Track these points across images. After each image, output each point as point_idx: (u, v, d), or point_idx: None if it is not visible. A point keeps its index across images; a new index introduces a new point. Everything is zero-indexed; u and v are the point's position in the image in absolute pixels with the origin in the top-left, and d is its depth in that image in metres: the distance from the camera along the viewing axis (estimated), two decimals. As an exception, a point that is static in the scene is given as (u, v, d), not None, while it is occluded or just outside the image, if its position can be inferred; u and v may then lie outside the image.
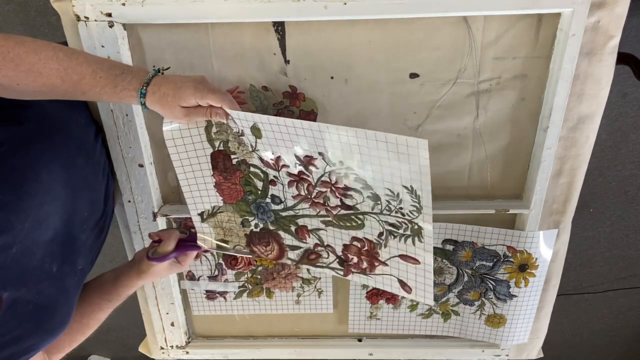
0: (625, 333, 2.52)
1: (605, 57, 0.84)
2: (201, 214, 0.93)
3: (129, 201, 1.00)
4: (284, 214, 0.89)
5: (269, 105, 0.91)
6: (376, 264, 0.86)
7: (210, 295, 1.15)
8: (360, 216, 0.82)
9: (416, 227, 0.77)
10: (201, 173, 0.88)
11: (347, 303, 1.14)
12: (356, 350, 1.19)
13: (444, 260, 1.06)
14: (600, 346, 2.59)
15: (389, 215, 0.79)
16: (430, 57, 0.87)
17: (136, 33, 0.86)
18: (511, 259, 1.04)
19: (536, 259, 1.03)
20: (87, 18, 0.81)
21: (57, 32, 0.85)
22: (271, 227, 0.92)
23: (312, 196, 0.84)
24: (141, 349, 1.24)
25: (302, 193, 0.85)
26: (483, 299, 1.10)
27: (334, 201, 0.83)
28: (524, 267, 1.04)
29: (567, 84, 0.84)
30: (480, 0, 0.78)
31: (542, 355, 1.21)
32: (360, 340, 1.20)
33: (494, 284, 1.08)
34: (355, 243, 0.86)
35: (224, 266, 1.10)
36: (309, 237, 0.90)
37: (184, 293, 1.15)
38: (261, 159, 0.83)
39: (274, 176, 0.85)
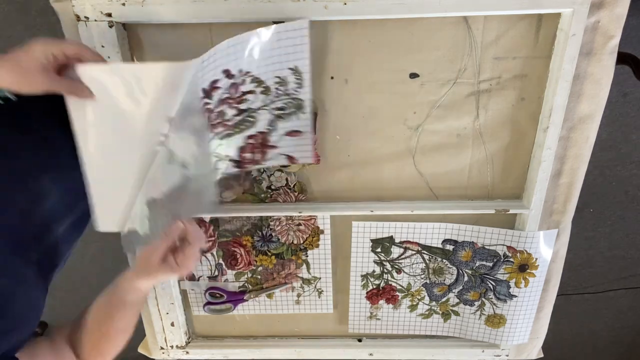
0: (625, 333, 2.52)
1: (605, 57, 0.84)
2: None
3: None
4: None
5: (269, 105, 0.91)
6: (267, 150, 0.90)
7: (210, 295, 1.15)
8: (254, 113, 0.86)
9: (299, 101, 0.84)
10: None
11: (347, 303, 1.14)
12: (356, 350, 1.19)
13: (444, 260, 1.06)
14: (600, 346, 2.59)
15: (277, 100, 0.85)
16: (430, 57, 0.87)
17: (136, 33, 0.86)
18: (511, 259, 1.04)
19: (536, 259, 1.03)
20: (87, 18, 0.81)
21: (57, 32, 0.84)
22: None
23: (211, 121, 0.84)
24: (141, 349, 1.24)
25: None
26: (483, 299, 1.10)
27: (230, 112, 0.84)
28: (524, 267, 1.04)
29: (567, 84, 0.84)
30: (480, 0, 0.78)
31: (542, 356, 1.21)
32: (360, 340, 1.20)
33: (494, 284, 1.08)
34: (249, 141, 0.89)
35: (224, 266, 1.10)
36: None
37: (184, 293, 1.15)
38: None
39: None
